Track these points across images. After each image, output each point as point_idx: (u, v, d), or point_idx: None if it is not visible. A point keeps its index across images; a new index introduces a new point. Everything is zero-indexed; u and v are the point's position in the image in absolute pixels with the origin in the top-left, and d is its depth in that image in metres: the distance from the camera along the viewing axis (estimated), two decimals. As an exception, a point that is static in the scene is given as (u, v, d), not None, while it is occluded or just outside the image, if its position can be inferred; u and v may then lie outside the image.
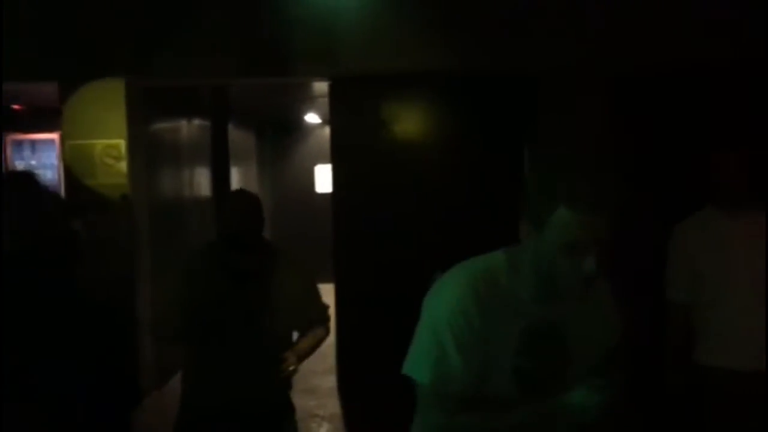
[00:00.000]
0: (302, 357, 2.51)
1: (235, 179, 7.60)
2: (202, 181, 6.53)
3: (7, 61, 4.35)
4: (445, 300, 1.42)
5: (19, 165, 6.96)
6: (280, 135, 9.70)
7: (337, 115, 4.61)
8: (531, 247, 1.38)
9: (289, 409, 2.56)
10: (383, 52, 4.33)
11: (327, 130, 9.38)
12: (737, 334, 2.91)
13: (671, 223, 3.12)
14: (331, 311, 2.76)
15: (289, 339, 2.54)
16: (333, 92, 4.59)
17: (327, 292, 4.10)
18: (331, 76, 4.55)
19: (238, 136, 7.91)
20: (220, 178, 6.89)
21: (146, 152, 4.83)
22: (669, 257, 3.08)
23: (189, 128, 6.17)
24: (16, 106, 6.69)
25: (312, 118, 9.16)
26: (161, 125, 5.28)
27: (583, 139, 4.05)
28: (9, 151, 6.98)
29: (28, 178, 2.95)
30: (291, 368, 2.42)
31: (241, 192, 2.60)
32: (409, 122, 4.41)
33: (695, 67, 4.03)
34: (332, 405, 4.47)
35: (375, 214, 4.42)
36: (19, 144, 7.03)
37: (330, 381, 4.74)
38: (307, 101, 8.15)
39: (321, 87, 5.99)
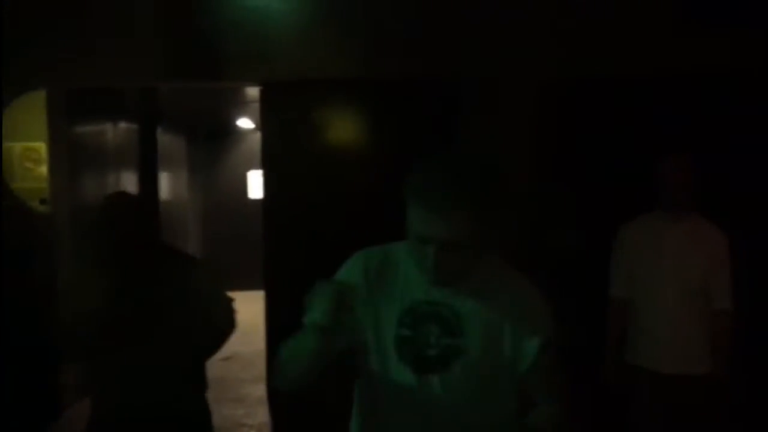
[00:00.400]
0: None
1: (165, 184, 7.44)
2: (129, 186, 6.36)
3: None
4: (343, 268, 1.67)
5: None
6: (212, 140, 9.54)
7: (268, 120, 4.57)
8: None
9: (205, 413, 2.51)
10: (314, 58, 4.32)
11: (259, 136, 9.32)
12: (658, 337, 3.02)
13: (596, 226, 3.24)
14: (258, 319, 2.73)
15: (195, 336, 2.49)
16: (264, 97, 4.55)
17: (258, 299, 4.06)
18: (262, 80, 4.51)
19: (168, 141, 7.74)
20: (148, 183, 6.72)
21: (69, 156, 4.67)
22: (612, 256, 3.20)
23: (115, 132, 6.00)
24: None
25: (244, 123, 9.06)
26: (86, 128, 5.12)
27: (500, 143, 4.13)
28: None
29: None
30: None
31: (118, 194, 2.54)
32: (340, 128, 4.41)
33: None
34: (261, 414, 4.41)
35: (305, 221, 4.39)
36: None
37: (259, 390, 4.68)
38: (240, 106, 8.06)
39: (253, 92, 5.93)
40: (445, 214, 1.42)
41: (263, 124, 4.66)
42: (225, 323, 2.56)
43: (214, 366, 2.75)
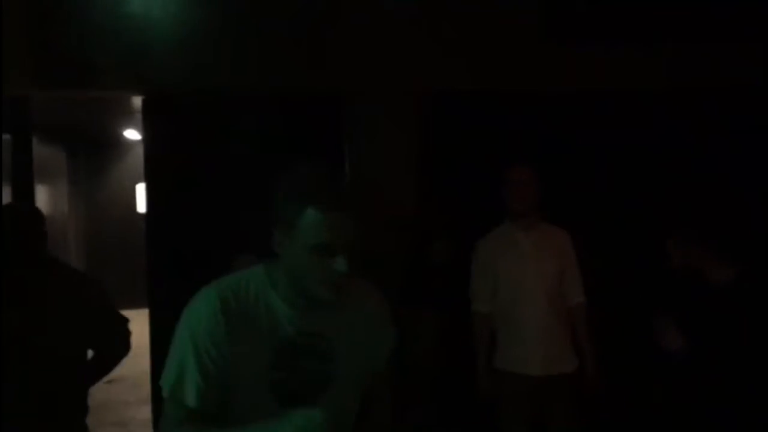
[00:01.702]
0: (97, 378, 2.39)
1: (42, 198, 7.02)
2: (3, 199, 5.95)
3: None
4: (193, 319, 1.41)
5: None
6: (95, 152, 9.13)
7: (149, 132, 4.41)
8: (285, 254, 1.39)
9: None
10: (196, 68, 4.23)
11: (147, 147, 9.00)
12: (525, 341, 3.15)
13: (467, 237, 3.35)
14: (144, 338, 2.63)
15: (82, 359, 2.38)
16: (146, 108, 4.40)
17: (145, 318, 3.90)
18: (144, 91, 4.35)
19: (44, 153, 7.33)
20: (22, 196, 6.31)
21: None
22: (472, 271, 3.29)
23: (-15, 143, 5.61)
24: None
25: (131, 134, 8.72)
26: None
27: (382, 156, 4.20)
28: None
29: None
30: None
31: (11, 207, 2.42)
32: (223, 140, 4.31)
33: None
34: (145, 437, 4.24)
35: (189, 236, 4.26)
36: None
37: (145, 412, 4.49)
38: (125, 117, 7.75)
39: (139, 102, 5.72)
40: (347, 213, 1.33)
41: (145, 136, 4.51)
42: (117, 346, 2.49)
43: (97, 389, 2.62)
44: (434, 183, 4.29)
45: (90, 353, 2.52)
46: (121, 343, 2.54)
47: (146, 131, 4.46)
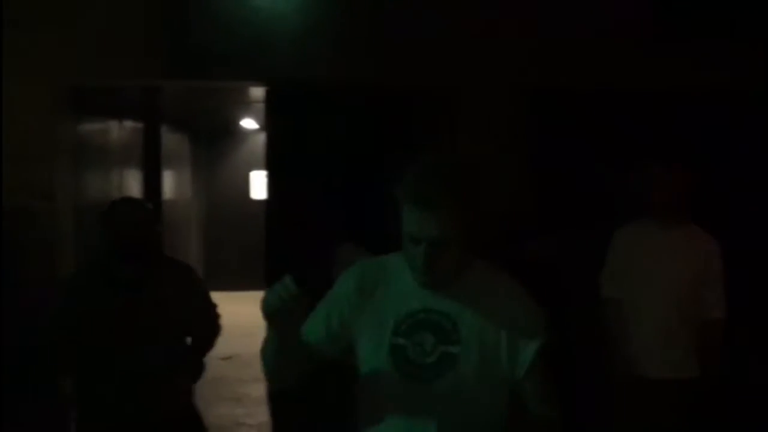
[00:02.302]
0: (198, 372, 2.53)
1: (168, 183, 7.45)
2: (132, 184, 6.37)
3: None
4: (338, 282, 1.70)
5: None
6: (216, 140, 9.57)
7: (273, 121, 4.58)
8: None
9: (195, 419, 2.54)
10: (321, 59, 4.34)
11: (263, 136, 9.34)
12: (646, 341, 3.05)
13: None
14: (258, 319, 2.74)
15: (182, 348, 2.52)
16: (269, 98, 4.57)
17: (259, 300, 4.07)
18: (268, 81, 4.52)
19: (172, 140, 7.76)
20: (152, 182, 6.73)
21: (74, 153, 4.69)
22: (607, 258, 3.23)
23: (120, 130, 6.01)
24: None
25: (248, 123, 9.08)
26: (91, 126, 5.13)
27: (491, 149, 4.18)
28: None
29: None
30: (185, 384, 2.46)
31: (125, 200, 2.57)
32: (344, 130, 4.42)
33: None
34: (261, 413, 4.42)
35: (308, 222, 4.40)
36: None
37: (258, 389, 4.69)
38: (243, 106, 8.08)
39: (257, 92, 5.95)
40: (433, 211, 1.48)
41: (268, 125, 4.68)
42: (211, 329, 2.63)
43: (213, 365, 2.77)
44: (542, 180, 4.23)
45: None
46: (214, 327, 2.68)
47: (269, 121, 4.63)
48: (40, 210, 4.27)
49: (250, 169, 9.56)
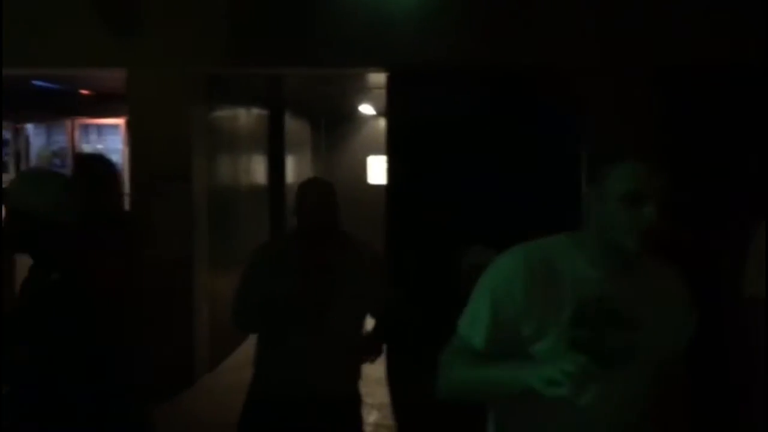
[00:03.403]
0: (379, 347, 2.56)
1: (290, 168, 7.71)
2: (258, 169, 6.65)
3: (76, 48, 4.52)
4: (496, 271, 1.51)
5: (86, 148, 7.22)
6: (334, 125, 9.78)
7: (393, 107, 4.63)
8: (594, 211, 1.46)
9: (357, 399, 2.56)
10: (442, 44, 4.34)
11: (381, 122, 9.44)
12: None
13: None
14: None
15: (361, 327, 2.54)
16: (391, 84, 4.61)
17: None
18: (389, 67, 4.57)
19: (294, 126, 8.02)
20: (276, 167, 7.01)
21: (208, 139, 4.96)
22: (750, 253, 3.00)
23: (248, 117, 6.29)
24: (84, 92, 6.93)
25: (366, 109, 9.21)
26: (222, 113, 5.40)
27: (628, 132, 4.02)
28: (77, 134, 7.25)
29: (97, 160, 3.08)
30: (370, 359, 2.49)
31: (314, 181, 2.58)
32: (466, 115, 4.40)
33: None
34: (381, 394, 4.51)
35: (430, 207, 4.43)
36: (86, 128, 7.28)
37: (378, 370, 4.77)
38: (362, 92, 8.20)
39: (375, 78, 6.03)
40: (656, 166, 1.40)
41: (389, 110, 4.73)
42: (398, 318, 2.61)
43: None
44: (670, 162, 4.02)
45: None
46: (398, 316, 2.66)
47: (389, 106, 4.68)
48: (178, 192, 4.56)
49: (368, 154, 9.69)
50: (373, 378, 4.75)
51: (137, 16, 4.52)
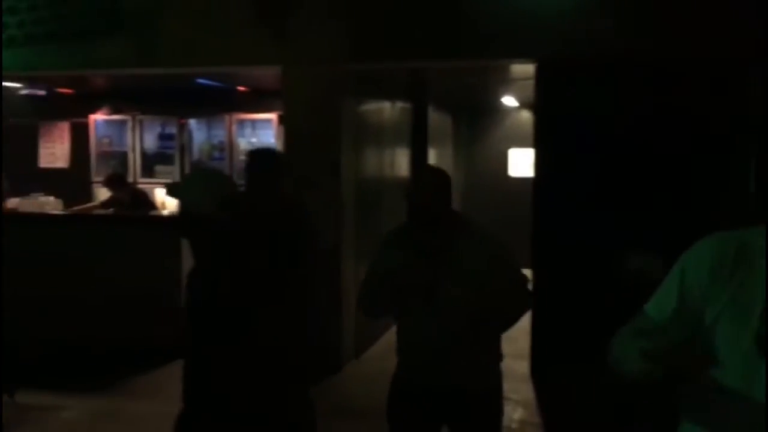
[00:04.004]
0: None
1: (433, 161, 7.75)
2: (401, 162, 6.75)
3: (237, 47, 4.80)
4: (690, 256, 1.50)
5: (242, 142, 7.66)
6: (476, 118, 9.71)
7: (542, 98, 4.53)
8: None
9: (499, 386, 2.54)
10: (592, 34, 4.18)
11: (523, 114, 9.26)
12: None
13: None
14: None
15: (487, 310, 2.49)
16: (539, 74, 4.51)
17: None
18: (538, 58, 4.47)
19: (436, 119, 8.05)
20: (419, 159, 7.06)
21: (355, 133, 5.10)
22: None
23: (392, 110, 6.39)
24: (240, 88, 7.34)
25: (509, 101, 9.06)
26: (367, 107, 5.53)
27: None
28: (234, 129, 7.71)
29: (268, 155, 3.26)
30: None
31: (427, 168, 2.62)
32: (615, 107, 4.21)
33: None
34: (525, 390, 4.45)
35: (578, 200, 4.30)
36: (241, 123, 7.73)
37: (521, 366, 4.72)
38: (505, 84, 8.07)
39: (519, 69, 5.91)
40: None
41: (537, 102, 4.63)
42: (519, 303, 2.57)
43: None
44: None
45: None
46: (523, 298, 2.60)
47: (538, 98, 4.58)
48: (328, 184, 4.72)
49: (509, 147, 9.54)
50: (519, 374, 4.70)
51: (291, 17, 4.72)
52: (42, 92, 7.98)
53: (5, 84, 7.47)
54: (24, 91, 7.93)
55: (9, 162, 7.12)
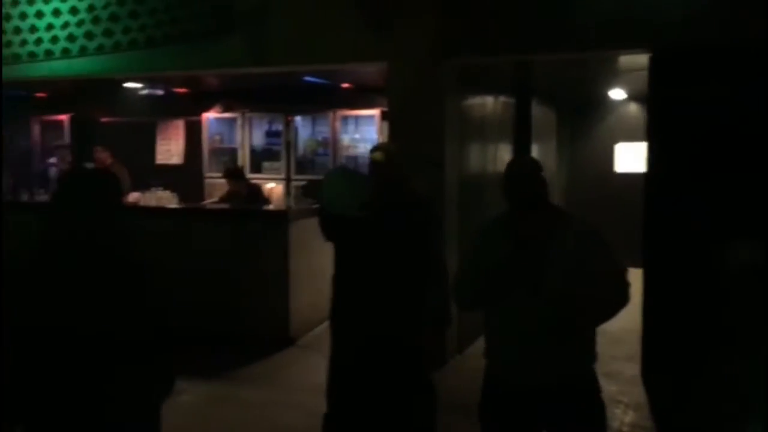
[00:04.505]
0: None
1: (535, 155, 7.61)
2: (504, 157, 6.65)
3: (342, 45, 4.89)
4: None
5: (345, 138, 7.80)
6: (581, 112, 9.43)
7: (657, 90, 4.34)
8: None
9: (595, 384, 2.46)
10: (712, 21, 3.96)
11: (631, 106, 8.91)
12: None
13: None
14: (634, 297, 2.59)
15: (580, 303, 2.40)
16: (654, 65, 4.33)
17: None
18: (653, 47, 4.29)
19: (539, 113, 7.89)
20: (522, 152, 6.93)
21: (458, 127, 5.07)
22: None
23: (495, 104, 6.31)
24: (344, 85, 7.48)
25: (617, 94, 8.75)
26: (471, 101, 5.49)
27: None
28: (337, 125, 7.86)
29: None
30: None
31: (517, 159, 2.60)
32: (735, 98, 3.97)
33: None
34: (637, 393, 4.29)
35: (693, 197, 4.10)
36: (345, 119, 7.87)
37: (631, 368, 4.56)
38: (613, 76, 7.79)
39: (629, 60, 5.68)
40: None
41: (651, 94, 4.44)
42: (617, 294, 2.47)
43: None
44: None
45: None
46: (620, 292, 2.50)
47: (652, 90, 4.39)
48: (433, 178, 4.73)
49: (615, 142, 9.21)
50: (628, 377, 4.54)
51: (395, 13, 4.76)
52: (160, 92, 8.43)
53: (127, 85, 7.96)
54: (144, 92, 8.41)
55: (130, 158, 7.59)
